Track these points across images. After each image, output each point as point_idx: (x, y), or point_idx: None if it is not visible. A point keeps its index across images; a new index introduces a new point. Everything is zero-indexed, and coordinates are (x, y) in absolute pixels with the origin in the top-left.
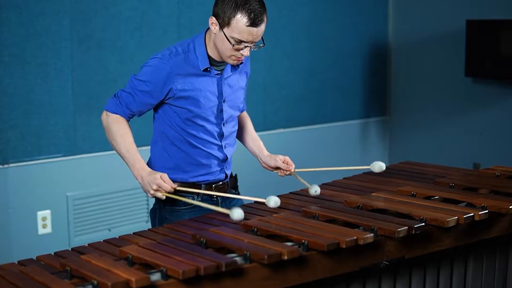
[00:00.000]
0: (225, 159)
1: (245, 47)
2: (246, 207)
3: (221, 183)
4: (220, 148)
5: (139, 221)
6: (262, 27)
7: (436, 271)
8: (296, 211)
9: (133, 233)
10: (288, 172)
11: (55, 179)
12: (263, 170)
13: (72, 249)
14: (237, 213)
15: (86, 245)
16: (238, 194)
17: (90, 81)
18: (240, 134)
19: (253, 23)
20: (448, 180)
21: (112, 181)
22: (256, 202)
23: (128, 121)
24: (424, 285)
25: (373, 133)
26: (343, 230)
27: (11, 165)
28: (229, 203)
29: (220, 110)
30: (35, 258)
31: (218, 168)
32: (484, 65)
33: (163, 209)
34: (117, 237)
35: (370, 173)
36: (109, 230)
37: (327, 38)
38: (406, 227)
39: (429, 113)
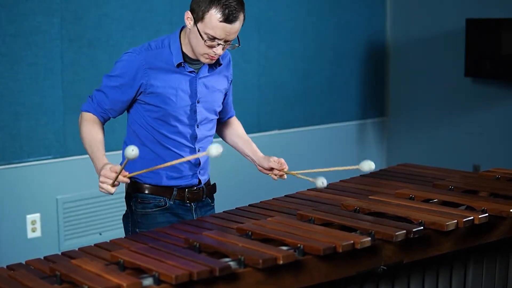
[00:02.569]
0: (198, 163)
1: (218, 44)
2: (240, 210)
3: (195, 188)
4: (193, 151)
5: None
6: (237, 25)
7: (435, 276)
8: (292, 214)
9: (125, 237)
10: (281, 173)
11: (45, 182)
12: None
13: (62, 253)
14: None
15: (77, 249)
16: (213, 203)
17: (81, 81)
18: (232, 139)
19: (227, 19)
20: (447, 183)
21: None
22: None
23: (102, 121)
24: None
25: (371, 134)
26: (339, 234)
27: None
28: (205, 212)
29: (193, 111)
30: (24, 263)
31: (190, 173)
32: (484, 65)
33: (135, 213)
34: (108, 241)
35: (367, 176)
36: (100, 234)
37: (324, 37)
38: (404, 231)
39: (428, 114)
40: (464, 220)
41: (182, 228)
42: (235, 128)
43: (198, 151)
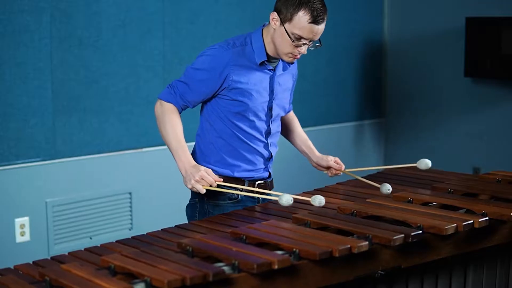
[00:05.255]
0: (270, 157)
1: (304, 44)
2: (234, 213)
3: (263, 181)
4: (266, 145)
5: (122, 228)
6: (323, 26)
7: (434, 281)
8: (287, 218)
9: (116, 241)
10: (339, 172)
11: (34, 185)
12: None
13: (51, 258)
14: (286, 199)
15: (66, 253)
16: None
17: (71, 81)
18: (289, 135)
19: (315, 20)
20: (447, 186)
21: (93, 186)
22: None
23: (180, 112)
24: None
25: (368, 136)
26: (336, 238)
27: None
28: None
29: (270, 108)
30: (12, 268)
31: (263, 166)
32: (484, 64)
33: (206, 203)
34: (99, 245)
35: (364, 178)
36: (91, 238)
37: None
38: (403, 235)
39: (427, 115)
40: (463, 223)
41: (174, 232)
42: (294, 125)
43: (270, 146)
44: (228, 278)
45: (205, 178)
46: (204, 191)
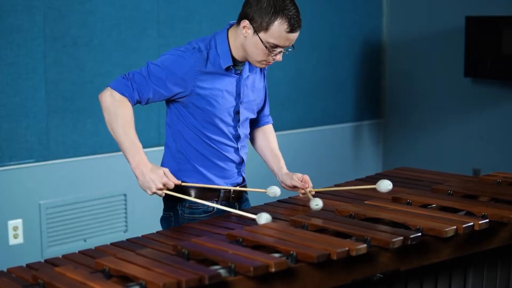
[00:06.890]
0: (242, 161)
1: (279, 52)
2: (230, 215)
3: (238, 187)
4: (236, 150)
5: (117, 230)
6: (298, 32)
7: (434, 284)
8: (284, 220)
9: (110, 243)
10: (303, 191)
11: (27, 186)
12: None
13: (45, 260)
14: (264, 218)
15: (60, 256)
16: (247, 198)
17: (65, 81)
18: (262, 148)
19: (293, 29)
20: (446, 187)
21: (87, 188)
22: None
23: (132, 105)
24: None
25: (366, 137)
26: (334, 241)
27: None
28: (244, 207)
29: (236, 112)
30: (5, 270)
31: (236, 171)
32: (484, 64)
33: (181, 217)
34: (93, 248)
35: (363, 180)
36: (85, 240)
37: (318, 36)
38: (402, 238)
39: (426, 116)
40: (463, 226)
41: (170, 235)
42: (269, 140)
43: (240, 150)
44: (224, 281)
45: (167, 184)
46: (163, 195)
